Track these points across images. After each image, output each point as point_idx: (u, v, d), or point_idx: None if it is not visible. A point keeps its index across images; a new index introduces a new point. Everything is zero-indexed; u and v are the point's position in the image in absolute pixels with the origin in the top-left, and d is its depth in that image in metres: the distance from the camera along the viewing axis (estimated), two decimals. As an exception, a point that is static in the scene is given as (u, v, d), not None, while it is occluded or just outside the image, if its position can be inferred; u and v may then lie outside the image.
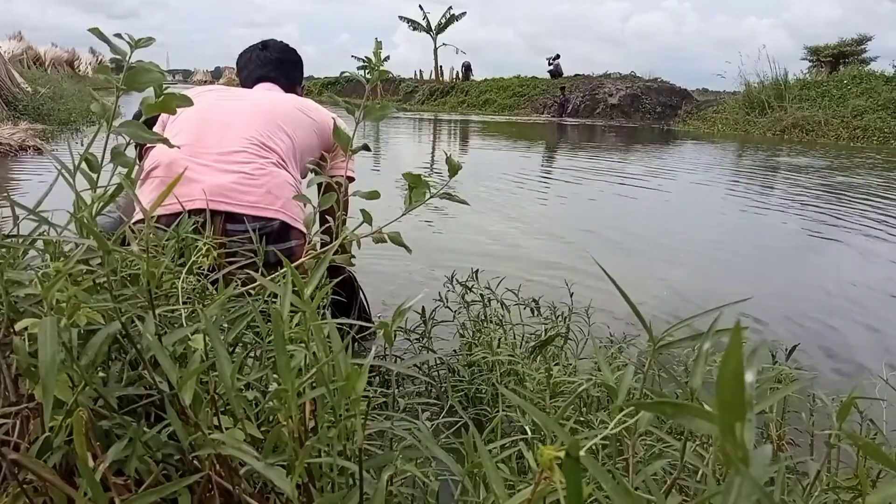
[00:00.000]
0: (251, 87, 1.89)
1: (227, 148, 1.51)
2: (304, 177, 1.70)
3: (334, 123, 1.08)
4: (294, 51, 1.99)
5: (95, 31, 0.82)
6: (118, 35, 0.83)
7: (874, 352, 2.27)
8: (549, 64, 23.74)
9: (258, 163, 1.51)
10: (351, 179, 1.65)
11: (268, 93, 1.82)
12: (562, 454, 0.30)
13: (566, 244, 3.73)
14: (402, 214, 0.99)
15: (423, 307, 1.68)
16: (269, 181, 1.50)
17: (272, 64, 1.91)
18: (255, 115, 1.62)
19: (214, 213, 1.35)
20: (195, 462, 0.58)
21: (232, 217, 1.43)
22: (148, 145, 1.50)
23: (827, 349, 2.28)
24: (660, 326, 0.52)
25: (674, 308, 2.62)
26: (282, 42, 1.98)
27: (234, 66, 2.03)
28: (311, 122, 1.72)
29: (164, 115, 1.63)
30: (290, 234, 1.52)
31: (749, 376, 0.20)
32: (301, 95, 1.94)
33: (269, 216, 1.47)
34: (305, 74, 2.08)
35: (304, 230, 1.53)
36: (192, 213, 1.12)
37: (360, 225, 1.01)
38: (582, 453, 0.29)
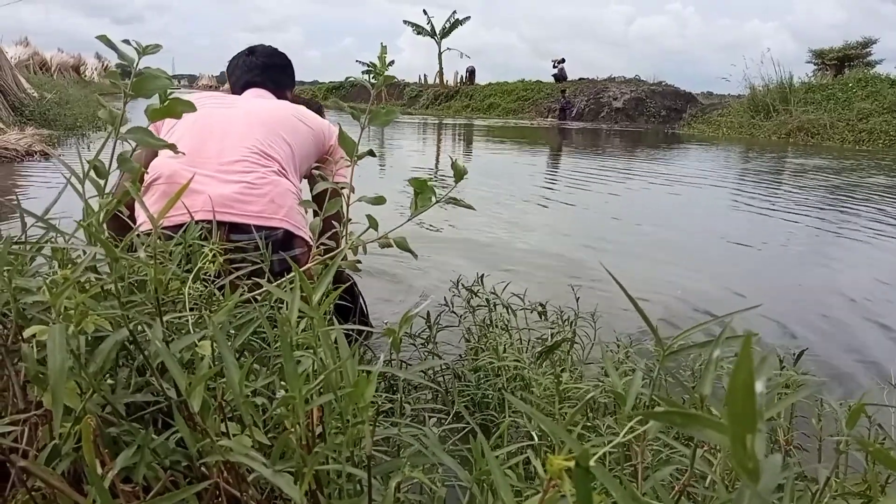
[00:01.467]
0: (240, 92, 1.87)
1: (229, 157, 1.50)
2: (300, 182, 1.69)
3: (339, 129, 1.08)
4: (282, 55, 1.96)
5: (103, 39, 0.83)
6: (126, 42, 0.83)
7: (883, 356, 2.26)
8: (554, 67, 23.73)
9: (260, 172, 1.50)
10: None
11: (260, 100, 1.80)
12: (571, 464, 0.30)
13: (571, 247, 3.72)
14: (408, 220, 0.99)
15: (427, 312, 1.68)
16: (272, 190, 1.49)
17: (258, 69, 1.89)
18: (254, 122, 1.60)
19: (218, 223, 1.35)
20: (203, 469, 0.58)
21: (236, 227, 1.42)
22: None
23: (836, 353, 2.26)
24: (667, 330, 0.52)
25: (683, 311, 2.61)
26: (270, 46, 1.95)
27: None
28: (308, 129, 1.71)
29: (158, 124, 1.62)
30: (293, 242, 1.52)
31: (759, 387, 0.20)
32: (291, 100, 1.92)
33: (273, 225, 1.46)
34: (310, 79, 2.09)
35: (308, 238, 1.53)
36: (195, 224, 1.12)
37: (366, 230, 1.01)
38: (592, 462, 0.29)
